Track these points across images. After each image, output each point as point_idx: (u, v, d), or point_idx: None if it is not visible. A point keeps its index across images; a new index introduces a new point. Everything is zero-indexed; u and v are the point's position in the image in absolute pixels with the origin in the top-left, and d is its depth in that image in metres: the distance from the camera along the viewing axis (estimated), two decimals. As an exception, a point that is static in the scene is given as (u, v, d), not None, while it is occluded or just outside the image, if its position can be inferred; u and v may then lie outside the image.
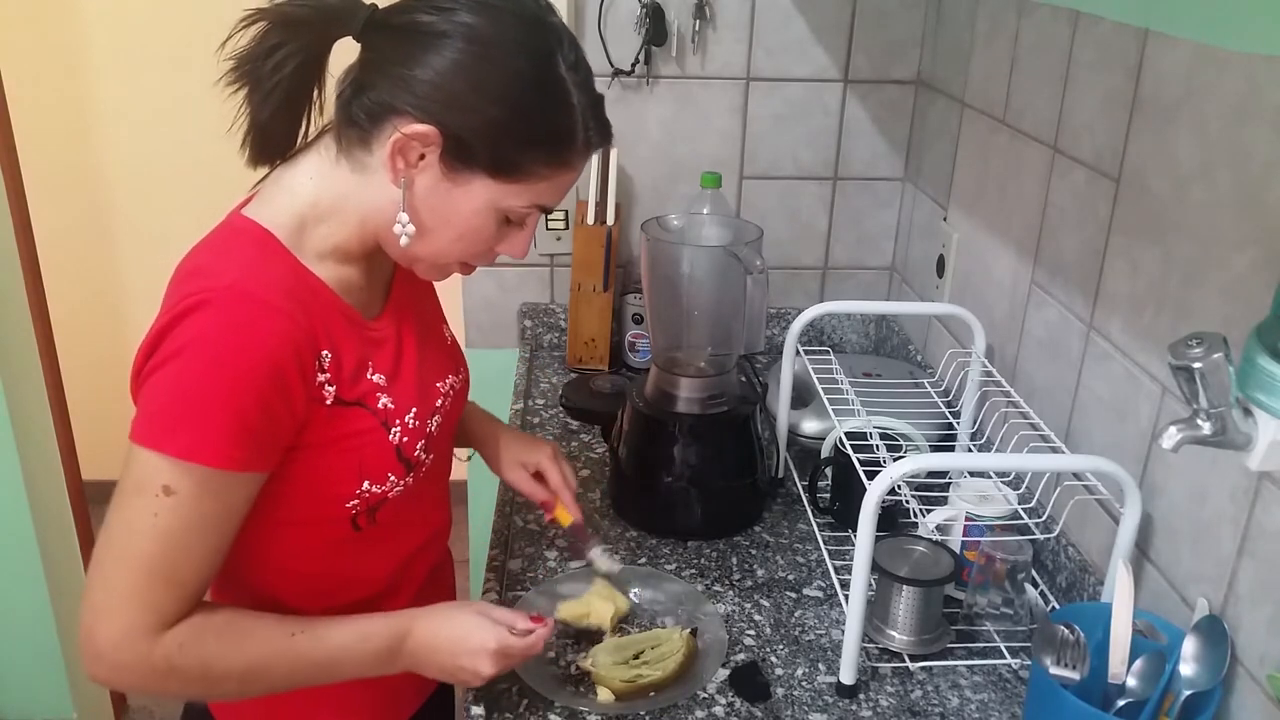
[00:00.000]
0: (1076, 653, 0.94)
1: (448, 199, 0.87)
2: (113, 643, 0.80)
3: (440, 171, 0.85)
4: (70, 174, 2.91)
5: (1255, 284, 0.91)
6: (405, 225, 0.87)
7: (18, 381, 2.05)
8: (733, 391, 1.38)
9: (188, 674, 0.82)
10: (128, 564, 0.80)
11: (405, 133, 0.83)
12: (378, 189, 0.87)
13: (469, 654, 0.93)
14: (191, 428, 0.79)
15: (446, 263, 0.93)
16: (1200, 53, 1.00)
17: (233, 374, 0.79)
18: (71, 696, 2.28)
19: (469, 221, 0.88)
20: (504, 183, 0.86)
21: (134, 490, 0.80)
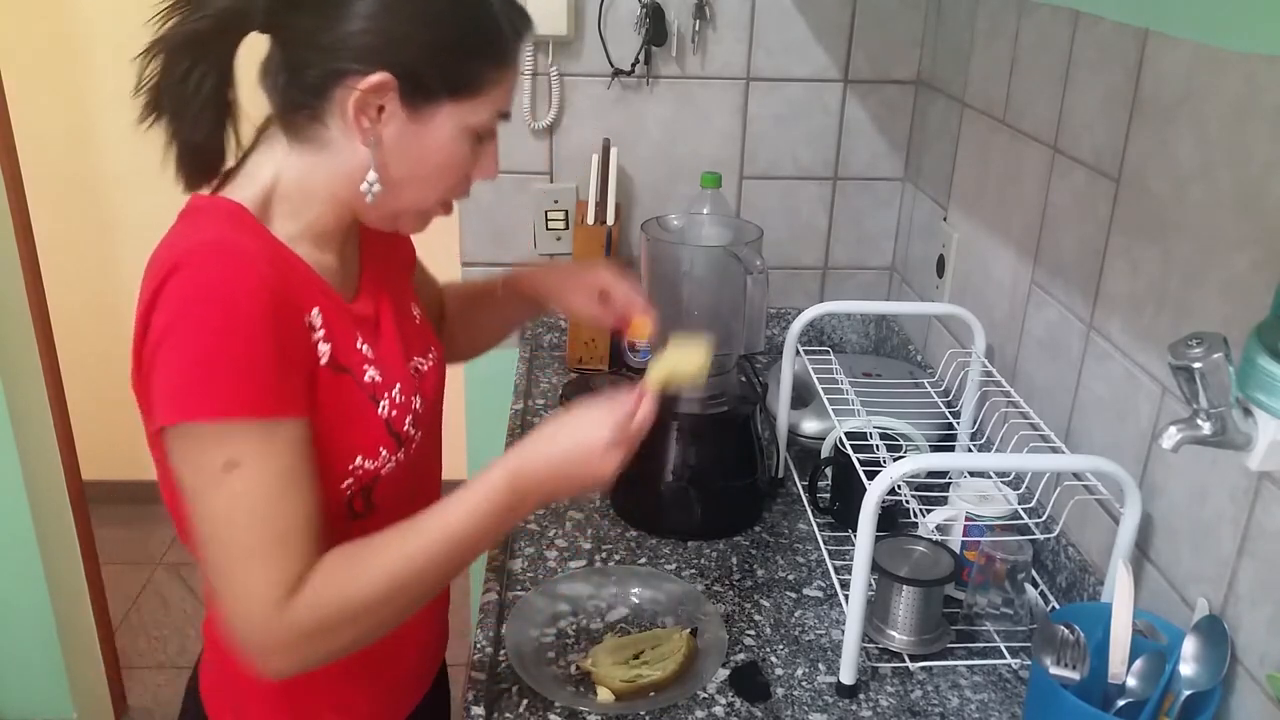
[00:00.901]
0: (1076, 653, 0.94)
1: (419, 139, 0.86)
2: (252, 628, 0.79)
3: (404, 116, 0.85)
4: (70, 174, 2.91)
5: (1255, 284, 0.91)
6: (372, 184, 0.86)
7: (18, 381, 2.05)
8: (733, 391, 1.38)
9: (335, 622, 0.81)
10: (234, 545, 0.79)
11: (361, 89, 0.82)
12: (344, 158, 0.86)
13: (589, 460, 0.90)
14: (220, 388, 0.77)
15: (429, 206, 0.93)
16: (1200, 53, 1.00)
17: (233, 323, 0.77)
18: (71, 696, 2.28)
19: (444, 152, 0.88)
20: (465, 100, 0.86)
21: (196, 481, 0.78)
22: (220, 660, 1.00)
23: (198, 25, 0.82)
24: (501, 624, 1.15)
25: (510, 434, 1.59)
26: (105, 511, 2.78)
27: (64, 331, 2.27)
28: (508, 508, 0.88)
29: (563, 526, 1.36)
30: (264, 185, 0.87)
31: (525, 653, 1.11)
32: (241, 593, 0.79)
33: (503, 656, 1.11)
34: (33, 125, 2.39)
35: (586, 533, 1.35)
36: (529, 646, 1.12)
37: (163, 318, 0.77)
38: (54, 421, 2.19)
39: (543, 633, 1.15)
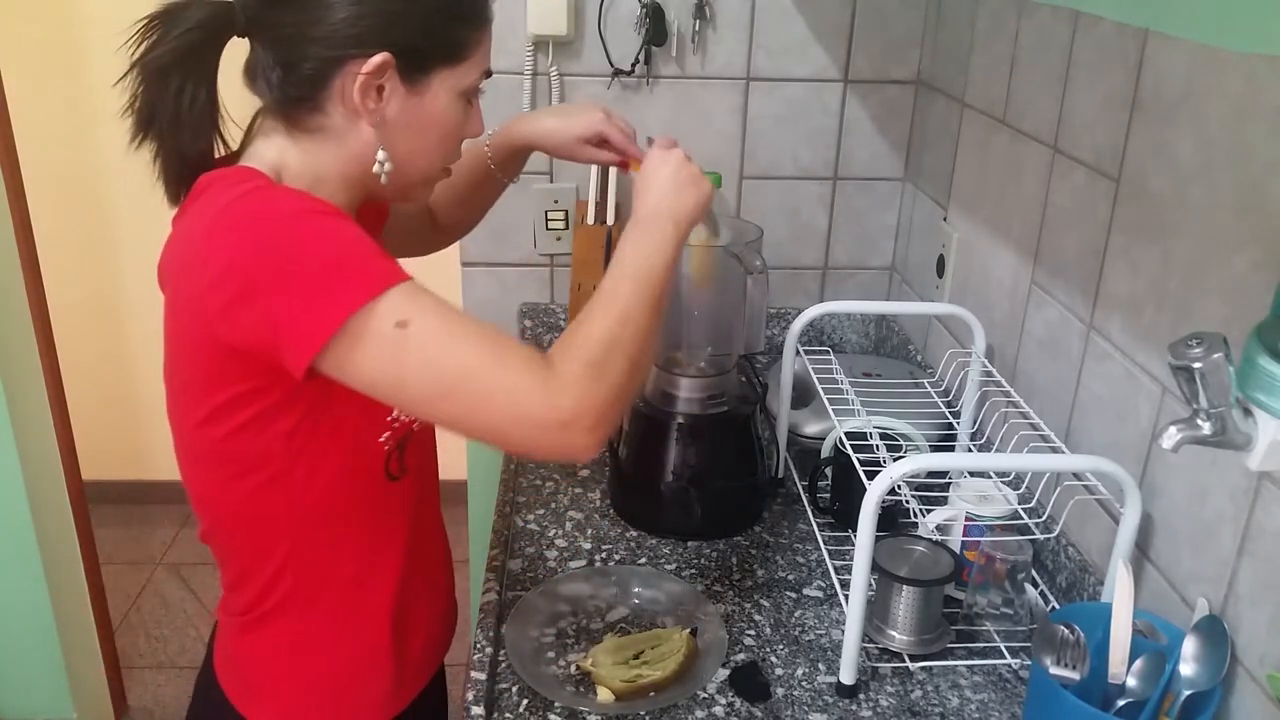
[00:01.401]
0: (1076, 653, 0.94)
1: (419, 111, 0.89)
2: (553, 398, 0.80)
3: (404, 91, 0.87)
4: (70, 174, 2.91)
5: (1255, 284, 0.91)
6: (384, 163, 0.89)
7: (18, 381, 2.05)
8: (733, 391, 1.38)
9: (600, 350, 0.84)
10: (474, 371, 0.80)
11: (364, 72, 0.84)
12: (350, 141, 0.88)
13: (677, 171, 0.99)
14: (356, 276, 0.79)
15: (435, 174, 0.97)
16: (1200, 53, 1.00)
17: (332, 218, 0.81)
18: (71, 696, 2.28)
19: (442, 118, 0.91)
20: (457, 65, 0.89)
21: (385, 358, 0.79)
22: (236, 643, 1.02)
23: (185, 40, 0.84)
24: (501, 624, 1.15)
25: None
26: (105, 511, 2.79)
27: (64, 331, 2.28)
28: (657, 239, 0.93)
29: (563, 526, 1.37)
30: (272, 166, 0.89)
31: (525, 653, 1.11)
32: (512, 384, 0.80)
33: (503, 656, 1.11)
34: (33, 125, 2.39)
35: (586, 533, 1.35)
36: (529, 646, 1.12)
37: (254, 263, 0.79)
38: (54, 421, 2.19)
39: (543, 633, 1.15)
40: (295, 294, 0.78)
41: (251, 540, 0.95)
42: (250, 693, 1.02)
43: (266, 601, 0.97)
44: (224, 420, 0.87)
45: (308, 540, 0.95)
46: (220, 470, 0.91)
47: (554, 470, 1.49)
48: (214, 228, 0.81)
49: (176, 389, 0.91)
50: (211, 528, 0.98)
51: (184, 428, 0.92)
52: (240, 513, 0.93)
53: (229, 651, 1.03)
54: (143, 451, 3.18)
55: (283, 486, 0.91)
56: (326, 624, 0.99)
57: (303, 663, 1.00)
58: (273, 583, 0.96)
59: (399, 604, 1.02)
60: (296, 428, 0.88)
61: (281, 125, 0.89)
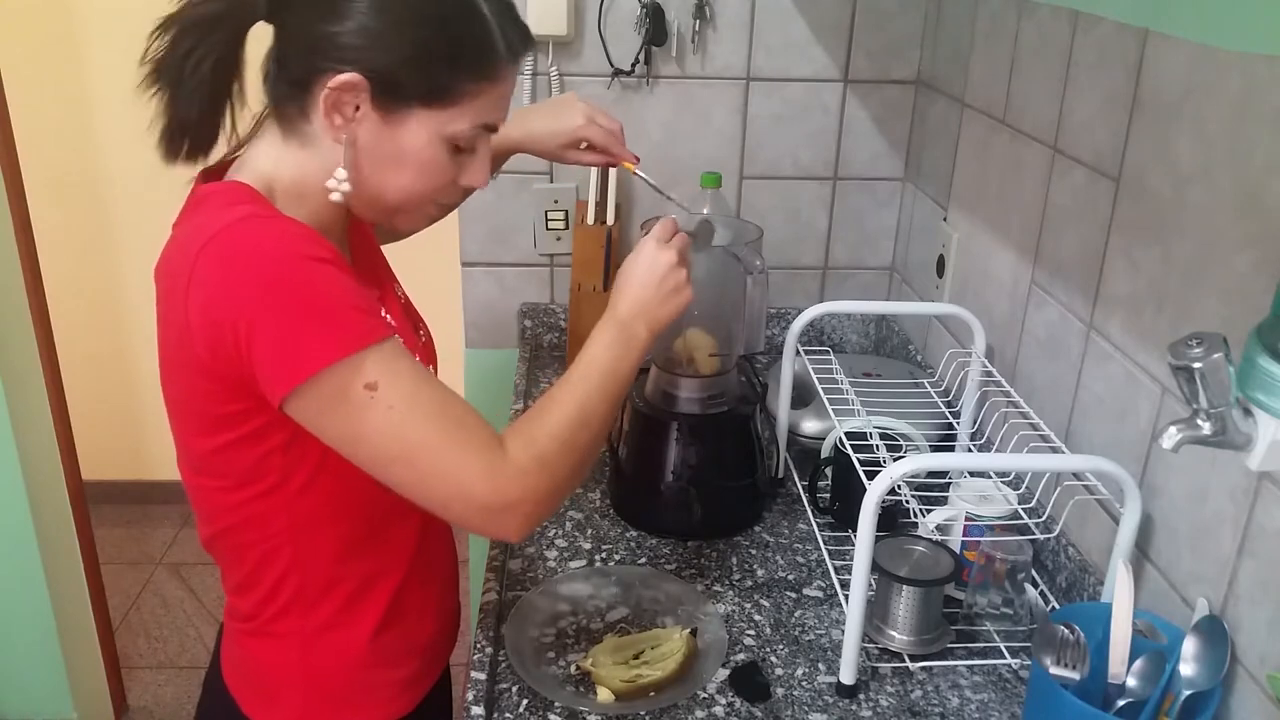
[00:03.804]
0: (1076, 653, 0.94)
1: (393, 141, 0.88)
2: (495, 482, 0.84)
3: (377, 117, 0.87)
4: (70, 174, 2.91)
5: (1255, 284, 0.91)
6: (341, 182, 0.88)
7: (18, 381, 2.05)
8: (733, 391, 1.38)
9: (550, 445, 0.88)
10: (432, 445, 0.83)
11: (332, 85, 0.84)
12: (330, 153, 0.88)
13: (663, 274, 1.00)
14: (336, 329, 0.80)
15: (419, 205, 0.95)
16: (1200, 53, 1.00)
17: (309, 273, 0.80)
18: (71, 696, 2.28)
19: (421, 157, 0.89)
20: (440, 109, 0.88)
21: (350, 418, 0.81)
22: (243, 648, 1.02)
23: (207, 8, 0.85)
24: (501, 624, 1.15)
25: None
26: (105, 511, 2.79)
27: (64, 332, 2.28)
28: (625, 349, 0.96)
29: (563, 526, 1.37)
30: (265, 175, 0.90)
31: (525, 653, 1.11)
32: (462, 464, 0.83)
33: (503, 656, 1.11)
34: (33, 125, 2.39)
35: (586, 533, 1.35)
36: (529, 646, 1.12)
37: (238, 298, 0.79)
38: (54, 421, 2.19)
39: (543, 633, 1.15)
40: (273, 337, 0.79)
41: (254, 547, 0.95)
42: (259, 697, 1.02)
43: (271, 606, 0.97)
44: (219, 434, 0.88)
45: (309, 545, 0.95)
46: (219, 480, 0.92)
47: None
48: (204, 254, 0.81)
49: (172, 399, 0.92)
50: (214, 535, 0.97)
51: (182, 437, 0.93)
52: (241, 521, 0.93)
53: (236, 656, 1.03)
54: (143, 451, 3.18)
55: (281, 495, 0.91)
56: (333, 626, 0.99)
57: (310, 665, 0.99)
58: (277, 588, 0.96)
59: (405, 605, 1.02)
60: (291, 442, 0.88)
61: (276, 127, 0.90)
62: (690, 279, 1.02)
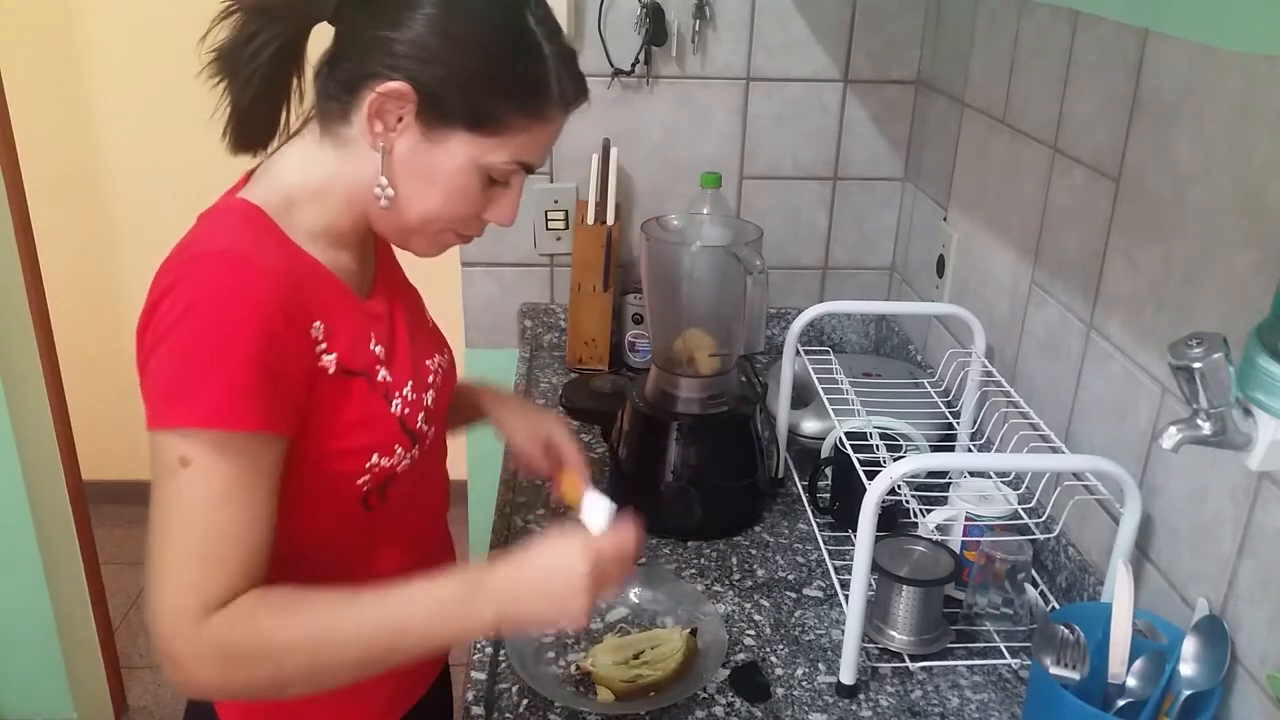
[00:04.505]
0: (1076, 653, 0.94)
1: (429, 159, 0.87)
2: (166, 632, 0.78)
3: (419, 131, 0.86)
4: (70, 174, 2.91)
5: (1255, 284, 0.91)
6: (384, 189, 0.87)
7: (18, 381, 2.05)
8: (733, 391, 1.38)
9: (246, 653, 0.79)
10: (166, 548, 0.79)
11: (380, 91, 0.83)
12: (361, 161, 0.88)
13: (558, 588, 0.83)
14: (191, 395, 0.78)
15: (439, 231, 0.93)
16: (1200, 53, 1.00)
17: (223, 334, 0.78)
18: (71, 696, 2.28)
19: (453, 181, 0.88)
20: (483, 136, 0.86)
21: (158, 475, 0.79)
22: None
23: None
24: (501, 624, 1.15)
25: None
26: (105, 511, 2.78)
27: (64, 331, 2.27)
28: (458, 611, 0.82)
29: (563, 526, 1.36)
30: (288, 182, 0.89)
31: (525, 653, 1.11)
32: (166, 593, 0.79)
33: (503, 656, 1.11)
34: (33, 125, 2.39)
35: (586, 533, 1.35)
36: (529, 646, 1.12)
37: (164, 321, 0.79)
38: (54, 421, 2.19)
39: (543, 633, 1.15)
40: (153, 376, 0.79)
41: None
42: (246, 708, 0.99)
43: None
44: None
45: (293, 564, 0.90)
46: None
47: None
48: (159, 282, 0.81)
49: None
50: None
51: None
52: None
53: None
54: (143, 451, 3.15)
55: None
56: None
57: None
58: None
59: None
60: None
61: (317, 127, 0.90)
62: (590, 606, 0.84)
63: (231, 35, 0.85)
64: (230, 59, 0.85)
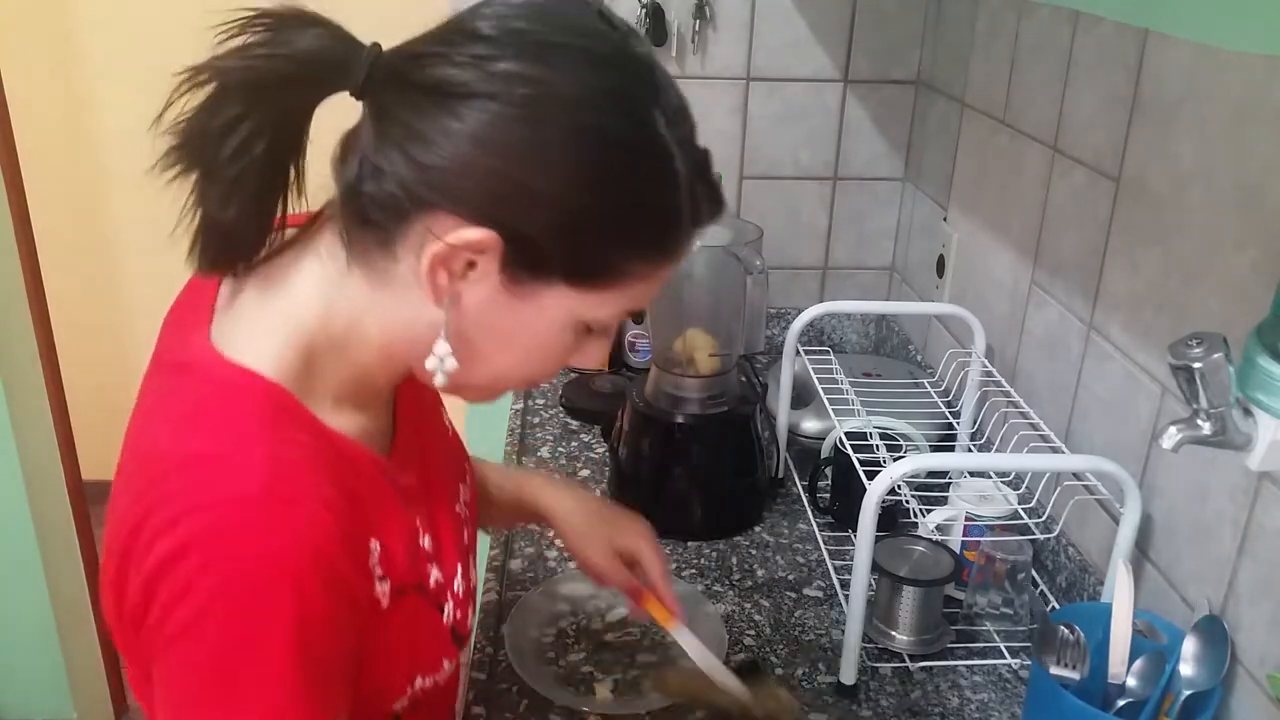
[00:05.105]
0: (1076, 653, 0.94)
1: (510, 315, 0.65)
2: None
3: (499, 283, 0.63)
4: (70, 174, 2.91)
5: (1255, 284, 0.91)
6: (444, 359, 0.65)
7: (18, 381, 2.05)
8: (733, 391, 1.38)
9: None
10: None
11: (451, 243, 0.60)
12: (408, 309, 0.65)
13: None
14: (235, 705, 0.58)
15: (502, 388, 0.73)
16: (1200, 53, 1.00)
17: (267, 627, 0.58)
18: (71, 696, 2.28)
19: (539, 340, 0.67)
20: (589, 290, 0.64)
21: None
22: None
23: (270, 66, 0.60)
24: (501, 624, 1.15)
25: (510, 434, 1.59)
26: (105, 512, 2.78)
27: (64, 332, 2.27)
28: None
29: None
30: (304, 323, 0.66)
31: (525, 653, 1.11)
32: None
33: (503, 656, 1.11)
34: (33, 125, 2.39)
35: (586, 533, 1.35)
36: (529, 646, 1.12)
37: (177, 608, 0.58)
38: (54, 421, 2.19)
39: (543, 633, 1.15)
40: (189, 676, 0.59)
41: None
42: None
43: None
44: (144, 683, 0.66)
45: None
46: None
47: (554, 471, 1.49)
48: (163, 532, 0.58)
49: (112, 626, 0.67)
50: None
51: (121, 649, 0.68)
52: None
53: None
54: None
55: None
56: None
57: None
58: None
59: None
60: None
61: (344, 245, 0.66)
62: None
63: (204, 117, 0.61)
64: (204, 153, 0.61)
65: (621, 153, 0.62)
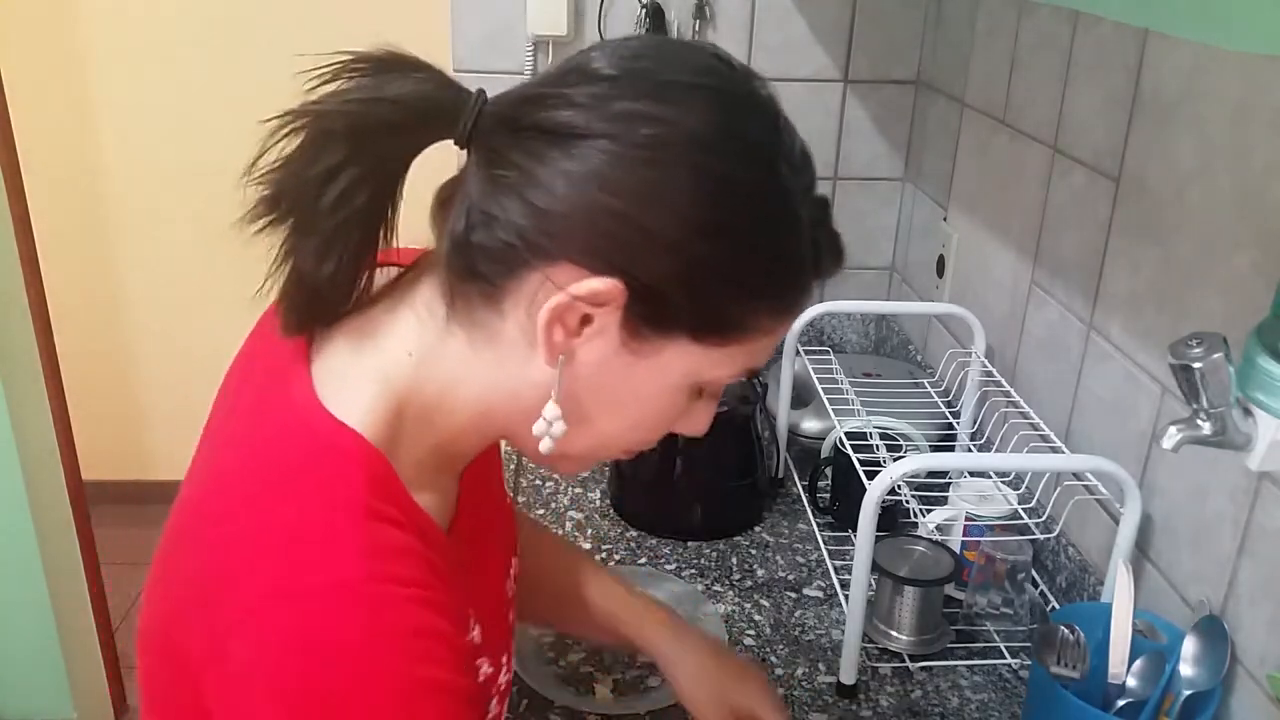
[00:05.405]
0: (1076, 653, 0.94)
1: (627, 376, 0.61)
2: None
3: (620, 339, 0.59)
4: (70, 173, 2.91)
5: (1255, 284, 0.91)
6: (553, 423, 0.61)
7: (18, 381, 2.05)
8: (733, 391, 1.38)
9: None
10: None
11: (573, 293, 0.56)
12: (513, 368, 0.61)
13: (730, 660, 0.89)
14: None
15: (604, 456, 0.70)
16: (1200, 53, 1.00)
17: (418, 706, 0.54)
18: (71, 696, 2.27)
19: (654, 402, 0.63)
20: (712, 346, 0.61)
21: None
22: None
23: (377, 110, 0.57)
24: (501, 624, 1.15)
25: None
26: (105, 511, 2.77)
27: (64, 331, 2.27)
28: None
29: (563, 527, 1.36)
30: (396, 385, 0.61)
31: (525, 653, 1.11)
32: None
33: (503, 656, 1.11)
34: (33, 125, 2.39)
35: (586, 533, 1.35)
36: (529, 646, 1.12)
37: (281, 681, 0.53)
38: (54, 421, 2.19)
39: (543, 633, 1.15)
40: None
41: None
42: None
43: None
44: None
45: None
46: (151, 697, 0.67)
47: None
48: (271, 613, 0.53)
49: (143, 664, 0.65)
50: None
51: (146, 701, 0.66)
52: None
53: None
54: (143, 451, 3.17)
55: None
56: None
57: None
58: None
59: None
60: None
61: (442, 295, 0.61)
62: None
63: (300, 165, 0.57)
64: (301, 203, 0.58)
65: (748, 198, 0.59)
